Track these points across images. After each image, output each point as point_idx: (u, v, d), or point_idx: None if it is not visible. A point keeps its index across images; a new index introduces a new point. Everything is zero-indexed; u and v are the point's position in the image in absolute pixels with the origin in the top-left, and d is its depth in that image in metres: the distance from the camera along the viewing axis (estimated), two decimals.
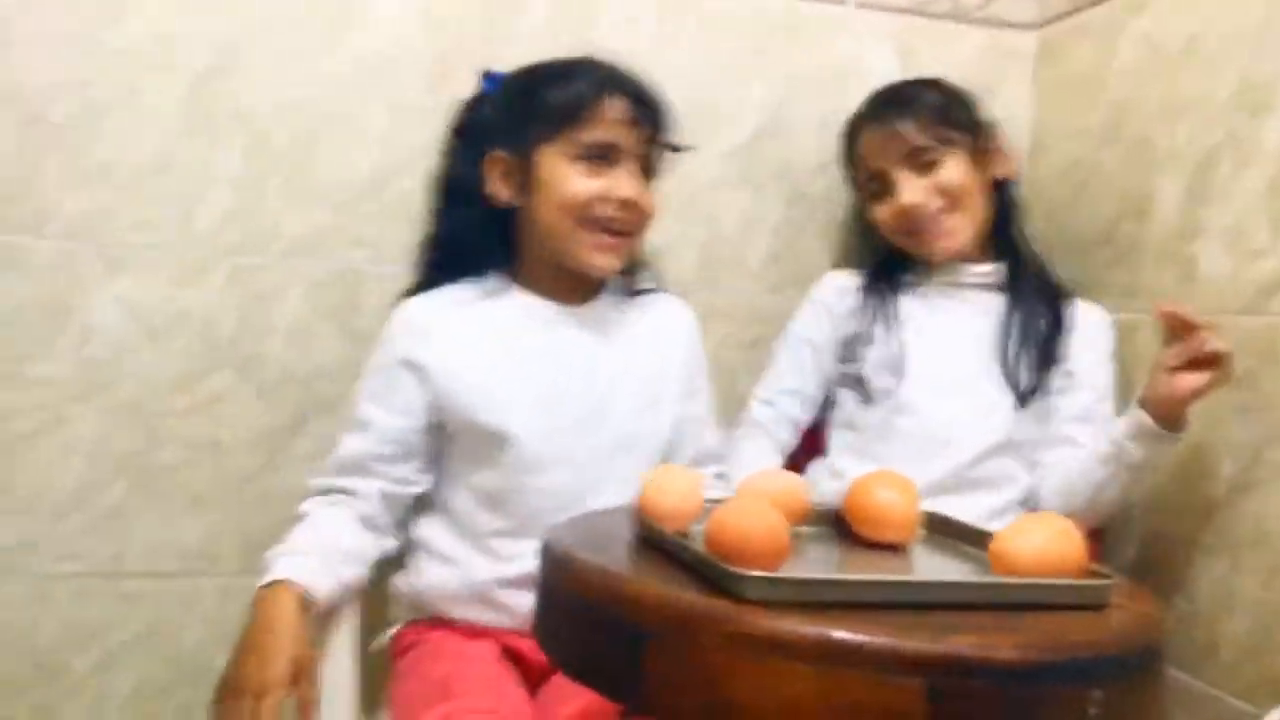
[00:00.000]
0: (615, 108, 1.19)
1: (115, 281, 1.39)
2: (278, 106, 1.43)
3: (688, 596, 0.73)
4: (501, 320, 1.24)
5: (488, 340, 1.23)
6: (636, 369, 1.28)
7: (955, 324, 1.42)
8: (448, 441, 1.25)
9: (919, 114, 1.39)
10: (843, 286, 1.47)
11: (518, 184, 1.21)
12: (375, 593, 1.34)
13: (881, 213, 1.42)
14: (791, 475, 1.01)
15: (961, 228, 1.39)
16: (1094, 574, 0.82)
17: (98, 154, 1.38)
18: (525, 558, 1.16)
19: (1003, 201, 1.44)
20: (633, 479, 1.19)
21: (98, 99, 1.38)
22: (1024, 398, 1.36)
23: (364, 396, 1.24)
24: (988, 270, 1.43)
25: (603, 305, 1.30)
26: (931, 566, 0.92)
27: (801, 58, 1.60)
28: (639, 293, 1.35)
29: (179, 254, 1.41)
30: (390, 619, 1.32)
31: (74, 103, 1.37)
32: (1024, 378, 1.36)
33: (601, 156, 1.19)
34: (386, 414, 1.21)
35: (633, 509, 0.93)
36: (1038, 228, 1.59)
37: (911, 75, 1.55)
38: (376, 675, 1.26)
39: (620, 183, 1.19)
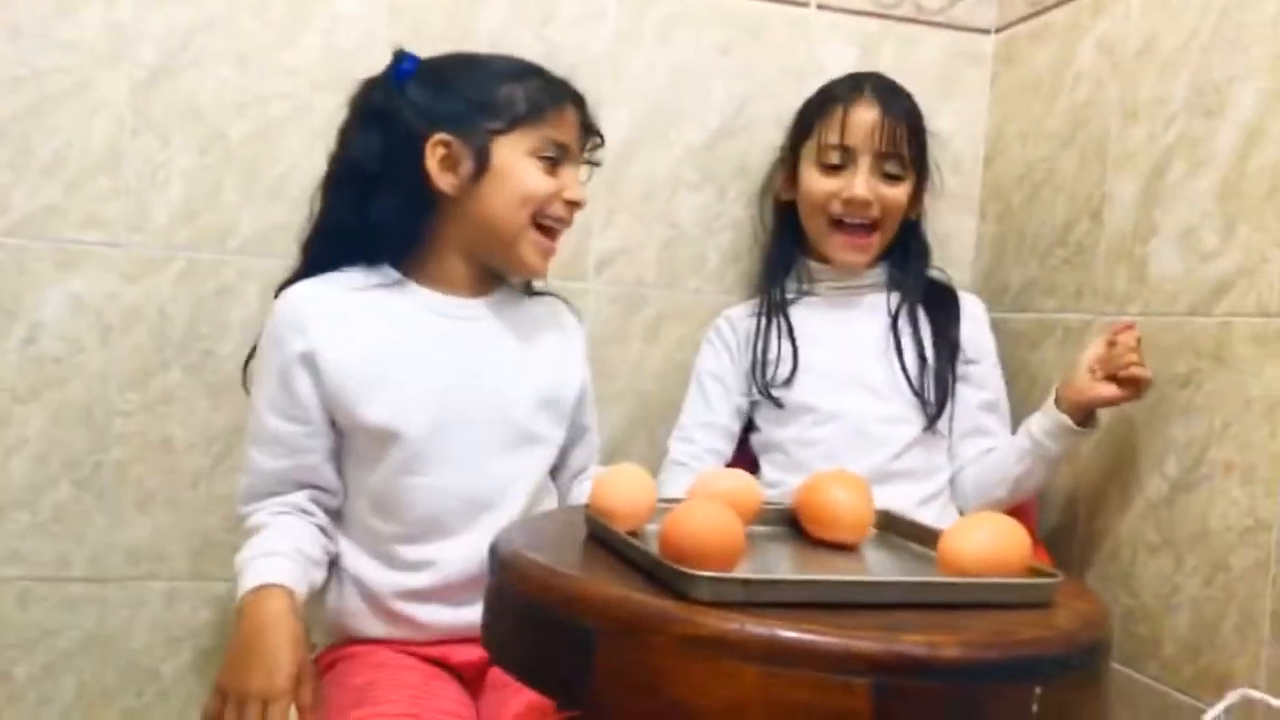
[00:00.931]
0: (572, 112, 1.20)
1: (64, 279, 1.37)
2: (233, 102, 1.41)
3: (636, 597, 0.73)
4: (394, 311, 1.18)
5: (379, 331, 1.16)
6: (535, 368, 1.23)
7: (850, 327, 1.44)
8: (343, 440, 1.18)
9: (914, 130, 1.42)
10: (734, 318, 1.49)
11: (464, 171, 1.15)
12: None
13: (823, 186, 1.41)
14: (744, 474, 1.01)
15: (873, 249, 1.43)
16: (1040, 572, 0.82)
17: (47, 149, 1.36)
18: (428, 568, 1.15)
19: (902, 231, 1.45)
20: (531, 480, 1.19)
21: (47, 93, 1.35)
22: (939, 401, 1.39)
23: (264, 405, 1.15)
24: (869, 279, 1.46)
25: (498, 301, 1.24)
26: (881, 566, 0.92)
27: (762, 57, 1.60)
28: (534, 293, 1.32)
29: (130, 251, 1.39)
30: (313, 643, 1.28)
31: (23, 97, 1.35)
32: (930, 379, 1.40)
33: (555, 157, 1.18)
34: (291, 424, 1.15)
35: (585, 509, 0.92)
36: (992, 229, 1.61)
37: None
38: None
39: (571, 184, 1.20)
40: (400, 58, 1.20)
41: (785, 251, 1.50)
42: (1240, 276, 1.21)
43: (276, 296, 1.19)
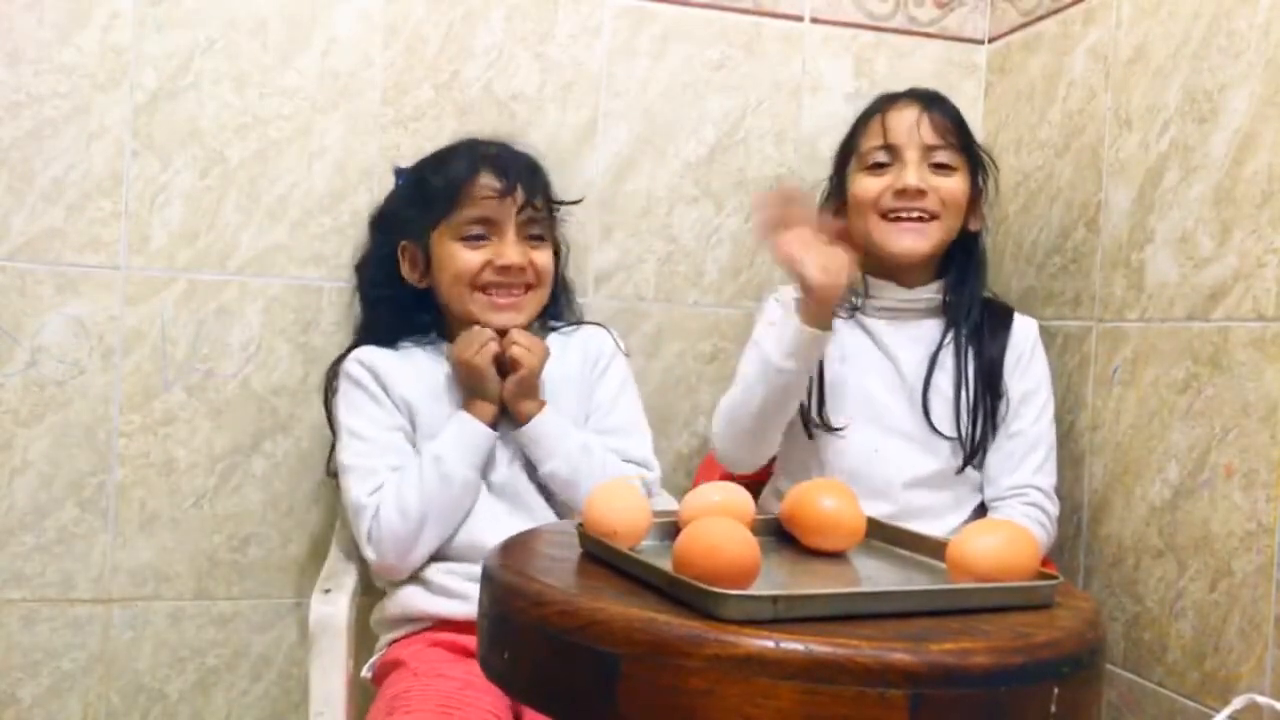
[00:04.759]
0: (484, 185, 1.30)
1: (65, 302, 1.38)
2: (232, 123, 1.42)
3: (662, 619, 0.71)
4: (431, 367, 1.33)
5: (422, 384, 1.32)
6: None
7: (892, 358, 1.39)
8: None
9: (955, 123, 1.39)
10: (789, 303, 1.46)
11: (422, 268, 1.34)
12: (362, 627, 1.34)
13: (872, 186, 1.37)
14: (732, 486, 1.00)
15: (932, 238, 1.36)
16: (1040, 574, 0.83)
17: (48, 173, 1.37)
18: (472, 550, 1.25)
19: (963, 246, 1.41)
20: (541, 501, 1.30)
21: (47, 117, 1.36)
22: (972, 441, 1.35)
23: (351, 434, 1.28)
24: (924, 296, 1.40)
25: None
26: (878, 572, 0.91)
27: (758, 72, 1.61)
28: (557, 328, 1.41)
29: (131, 273, 1.40)
30: (374, 652, 1.32)
31: (23, 122, 1.36)
32: (964, 419, 1.35)
33: (481, 234, 1.30)
34: (378, 428, 1.28)
35: (579, 528, 0.92)
36: (989, 237, 1.62)
37: (867, 89, 1.57)
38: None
39: (502, 250, 1.30)
40: (395, 172, 1.41)
41: None
42: (1237, 281, 1.21)
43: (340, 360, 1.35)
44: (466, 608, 1.20)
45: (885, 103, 1.41)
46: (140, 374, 1.41)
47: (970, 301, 1.40)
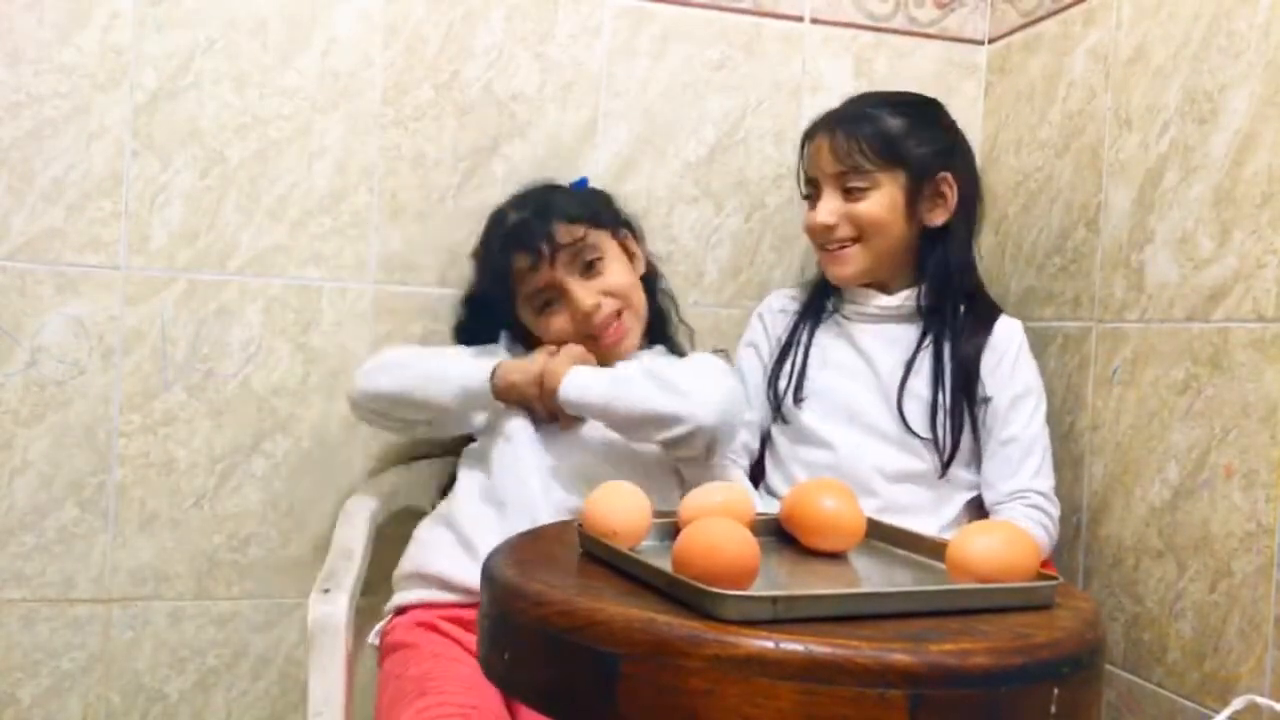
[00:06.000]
0: (520, 268, 1.35)
1: (65, 302, 1.38)
2: (232, 123, 1.42)
3: (662, 619, 0.72)
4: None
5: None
6: None
7: (868, 359, 1.40)
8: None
9: (865, 138, 1.36)
10: (780, 308, 1.49)
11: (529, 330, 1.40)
12: (362, 627, 1.33)
13: (806, 219, 1.42)
14: (733, 486, 1.00)
15: (857, 262, 1.38)
16: (1039, 575, 0.83)
17: (48, 173, 1.37)
18: (521, 509, 1.26)
19: (935, 241, 1.40)
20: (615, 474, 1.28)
21: (47, 117, 1.36)
22: (951, 443, 1.35)
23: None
24: (898, 302, 1.41)
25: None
26: (877, 572, 0.92)
27: (758, 72, 1.61)
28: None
29: (131, 273, 1.40)
30: (382, 615, 1.31)
31: (23, 122, 1.36)
32: (943, 421, 1.35)
33: (549, 299, 1.36)
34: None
35: (576, 527, 0.92)
36: (989, 238, 1.62)
37: (866, 89, 1.57)
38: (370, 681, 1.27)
39: (574, 303, 1.34)
40: (472, 259, 1.46)
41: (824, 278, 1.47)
42: (1237, 282, 1.21)
43: None
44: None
45: (815, 128, 1.43)
46: (140, 374, 1.41)
47: (948, 302, 1.39)
